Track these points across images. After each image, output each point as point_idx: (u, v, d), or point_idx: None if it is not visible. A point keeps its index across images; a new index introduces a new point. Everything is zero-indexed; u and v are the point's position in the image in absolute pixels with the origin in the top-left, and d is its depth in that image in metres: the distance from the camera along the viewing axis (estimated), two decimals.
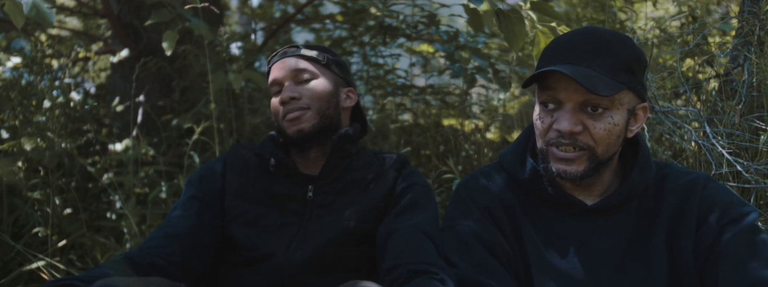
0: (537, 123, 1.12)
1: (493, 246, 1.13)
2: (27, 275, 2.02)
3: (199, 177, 1.40)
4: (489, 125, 3.17)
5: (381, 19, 3.20)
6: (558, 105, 1.07)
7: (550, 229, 1.15)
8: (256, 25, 3.92)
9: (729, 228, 1.08)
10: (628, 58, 1.06)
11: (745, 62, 1.85)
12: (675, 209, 1.13)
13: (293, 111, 1.32)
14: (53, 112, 2.35)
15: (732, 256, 1.05)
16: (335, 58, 1.42)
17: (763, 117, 1.77)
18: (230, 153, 1.45)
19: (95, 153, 2.63)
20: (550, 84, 1.07)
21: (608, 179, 1.16)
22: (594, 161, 1.08)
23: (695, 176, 1.15)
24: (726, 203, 1.10)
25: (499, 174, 1.23)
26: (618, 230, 1.13)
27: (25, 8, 1.40)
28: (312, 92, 1.34)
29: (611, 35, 1.08)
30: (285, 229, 1.32)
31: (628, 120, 1.09)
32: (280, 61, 1.38)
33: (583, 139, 1.06)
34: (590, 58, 1.05)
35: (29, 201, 2.20)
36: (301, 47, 1.39)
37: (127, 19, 2.85)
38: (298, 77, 1.35)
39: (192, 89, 2.83)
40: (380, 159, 1.42)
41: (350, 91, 1.43)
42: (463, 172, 2.51)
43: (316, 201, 1.34)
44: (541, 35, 1.82)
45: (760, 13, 1.83)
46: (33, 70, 2.39)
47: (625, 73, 1.05)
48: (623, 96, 1.06)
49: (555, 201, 1.15)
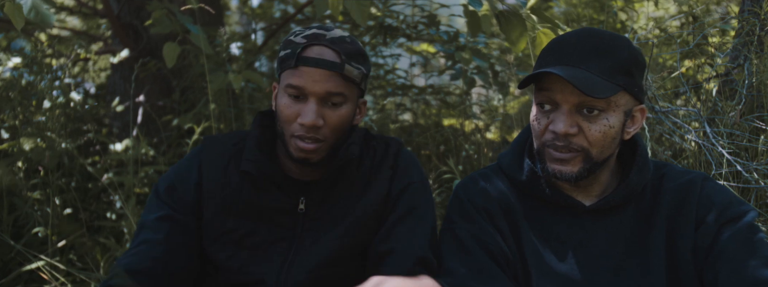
0: (534, 124, 1.12)
1: (492, 249, 1.13)
2: (27, 275, 2.02)
3: (168, 188, 1.20)
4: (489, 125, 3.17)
5: (381, 20, 3.20)
6: (554, 106, 1.08)
7: (548, 231, 1.15)
8: (256, 25, 3.92)
9: (727, 227, 1.08)
10: (625, 60, 1.05)
11: (745, 62, 1.85)
12: (673, 209, 1.12)
13: (307, 140, 1.14)
14: (53, 112, 2.35)
15: (731, 256, 1.05)
16: (368, 68, 1.21)
17: (763, 117, 1.77)
18: (205, 154, 1.23)
19: (95, 153, 2.63)
20: (546, 85, 1.07)
21: (606, 180, 1.16)
22: (589, 162, 1.08)
23: (693, 176, 1.15)
24: (724, 202, 1.10)
25: (497, 176, 1.23)
26: (617, 231, 1.13)
27: (25, 9, 1.41)
28: (335, 121, 1.15)
29: (609, 37, 1.07)
30: (275, 249, 1.19)
31: (624, 122, 1.09)
32: (315, 69, 1.12)
33: (577, 141, 1.07)
34: (587, 59, 1.05)
35: (29, 201, 2.20)
36: (343, 60, 1.13)
37: (127, 19, 2.85)
38: (328, 99, 1.14)
39: (192, 89, 2.83)
40: (372, 150, 1.26)
41: (363, 103, 1.26)
42: (463, 172, 2.51)
43: (309, 215, 1.20)
44: (543, 35, 1.82)
45: (761, 13, 1.83)
46: (33, 70, 2.39)
47: (622, 75, 1.05)
48: (619, 98, 1.06)
49: (553, 203, 1.15)
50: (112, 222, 2.30)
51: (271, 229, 1.20)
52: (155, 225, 1.16)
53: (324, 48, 1.14)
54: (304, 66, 1.12)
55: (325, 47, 1.14)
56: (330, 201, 1.21)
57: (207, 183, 1.20)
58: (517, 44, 1.80)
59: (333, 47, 1.14)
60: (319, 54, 1.13)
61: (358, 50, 1.18)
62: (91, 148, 2.71)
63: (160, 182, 1.22)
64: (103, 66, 3.75)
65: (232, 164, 1.21)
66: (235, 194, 1.19)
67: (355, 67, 1.15)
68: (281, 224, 1.20)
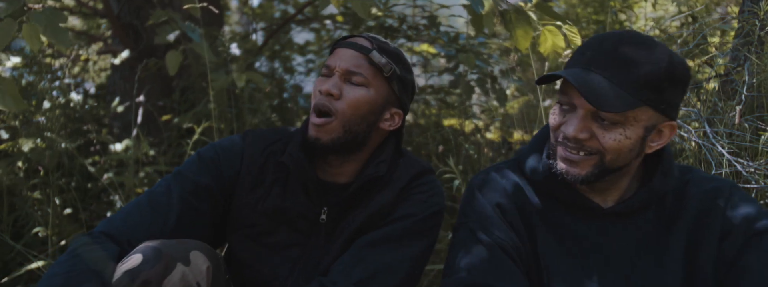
0: (550, 118, 1.09)
1: (506, 244, 1.11)
2: (27, 275, 2.02)
3: (213, 159, 1.24)
4: (489, 125, 3.18)
5: (382, 20, 3.20)
6: (572, 108, 1.04)
7: (563, 230, 1.12)
8: (256, 25, 3.92)
9: (754, 241, 1.04)
10: (658, 73, 0.99)
11: (745, 62, 1.85)
12: (697, 217, 1.09)
13: (322, 109, 1.19)
14: (53, 112, 2.35)
15: (755, 271, 1.02)
16: (402, 74, 1.25)
17: (763, 117, 1.77)
18: (248, 147, 1.28)
19: (95, 153, 2.63)
20: (565, 87, 1.04)
21: (625, 185, 1.12)
22: (599, 167, 1.04)
23: (720, 183, 1.11)
24: (752, 214, 1.06)
25: (514, 172, 1.20)
26: (634, 235, 1.10)
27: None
28: (351, 99, 1.19)
29: (648, 47, 1.01)
30: (288, 252, 1.24)
31: (644, 136, 1.03)
32: (347, 49, 1.21)
33: (590, 145, 1.03)
34: (614, 67, 0.99)
35: (29, 201, 2.20)
36: (374, 47, 1.21)
37: (127, 19, 2.85)
38: (349, 77, 1.20)
39: (192, 89, 2.83)
40: (396, 170, 1.27)
41: (397, 114, 1.27)
42: (463, 172, 2.51)
43: (328, 225, 1.24)
44: (548, 33, 1.81)
45: (760, 13, 1.83)
46: (33, 70, 2.40)
47: (648, 89, 0.99)
48: (640, 113, 1.01)
49: (571, 203, 1.13)
50: None
51: (289, 233, 1.24)
52: (192, 191, 1.19)
53: (360, 38, 1.24)
54: (339, 47, 1.23)
55: (361, 38, 1.24)
56: (349, 216, 1.24)
57: (244, 175, 1.24)
58: (521, 42, 1.79)
59: (368, 38, 1.24)
60: (354, 40, 1.24)
61: (396, 51, 1.26)
62: (91, 148, 2.71)
63: (204, 152, 1.26)
64: (103, 66, 3.75)
65: (268, 162, 1.26)
66: (265, 192, 1.24)
67: (384, 57, 1.21)
68: (299, 230, 1.24)
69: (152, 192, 1.20)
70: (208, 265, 1.09)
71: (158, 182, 1.23)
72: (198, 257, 1.08)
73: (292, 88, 3.44)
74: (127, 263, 1.03)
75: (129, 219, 1.15)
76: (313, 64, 3.81)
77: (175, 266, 1.03)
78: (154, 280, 1.01)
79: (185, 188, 1.19)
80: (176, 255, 1.04)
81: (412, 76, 1.30)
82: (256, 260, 1.24)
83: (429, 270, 2.16)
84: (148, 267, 1.01)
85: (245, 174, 1.24)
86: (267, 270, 1.23)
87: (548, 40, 1.82)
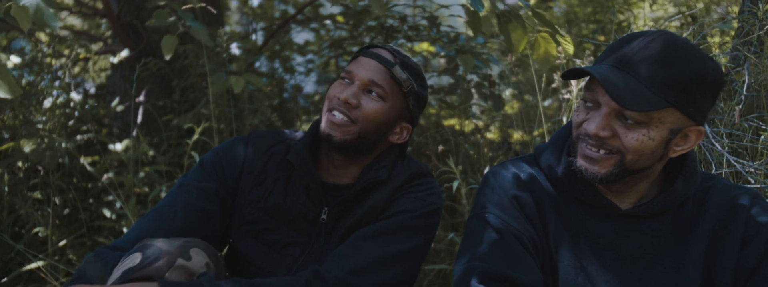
0: (574, 115, 1.08)
1: (522, 235, 1.10)
2: (27, 275, 2.02)
3: (214, 163, 1.29)
4: (489, 125, 3.18)
5: (382, 20, 3.20)
6: (596, 105, 1.03)
7: (578, 227, 1.12)
8: (256, 25, 3.92)
9: None
10: (688, 75, 0.96)
11: (745, 62, 1.85)
12: (718, 224, 1.08)
13: (342, 113, 1.23)
14: (53, 112, 2.35)
15: None
16: (418, 91, 1.29)
17: (763, 117, 1.77)
18: (250, 148, 1.32)
19: (95, 153, 2.63)
20: (592, 84, 1.03)
21: (644, 189, 1.11)
22: (620, 167, 1.03)
23: (742, 191, 1.10)
24: None
25: (531, 167, 1.19)
26: (650, 238, 1.09)
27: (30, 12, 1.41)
28: (368, 111, 1.23)
29: (682, 48, 0.98)
30: (288, 250, 1.27)
31: (668, 139, 1.01)
32: (370, 60, 1.25)
33: (612, 143, 1.02)
34: (642, 66, 0.97)
35: (29, 201, 2.20)
36: (397, 62, 1.25)
37: (127, 19, 2.85)
38: (369, 88, 1.24)
39: (192, 89, 2.83)
40: (396, 171, 1.31)
41: (406, 128, 1.32)
42: (463, 172, 2.51)
43: (328, 225, 1.27)
44: (541, 40, 1.82)
45: (760, 13, 1.84)
46: (33, 70, 2.40)
47: (676, 91, 0.96)
48: (666, 114, 0.98)
49: (588, 202, 1.12)
50: (112, 222, 2.30)
51: (290, 232, 1.27)
52: (202, 193, 1.24)
53: (384, 50, 1.28)
54: (363, 56, 1.27)
55: (385, 50, 1.28)
56: (348, 217, 1.26)
57: (246, 174, 1.28)
58: (516, 46, 1.80)
59: (392, 51, 1.27)
60: (378, 51, 1.27)
61: (417, 68, 1.29)
62: (91, 148, 2.71)
63: (206, 157, 1.31)
64: (103, 66, 3.75)
65: (271, 162, 1.30)
66: (267, 190, 1.27)
67: (405, 73, 1.25)
68: (300, 229, 1.27)
69: (157, 206, 1.24)
70: (208, 261, 1.10)
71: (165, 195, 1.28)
72: (198, 253, 1.09)
73: (292, 88, 3.45)
74: (126, 262, 1.04)
75: (134, 230, 1.19)
76: (312, 64, 3.81)
77: (176, 261, 1.04)
78: (157, 276, 1.02)
79: (190, 195, 1.23)
80: (176, 252, 1.06)
81: (427, 92, 1.33)
82: (257, 257, 1.26)
83: (429, 270, 2.16)
84: (147, 264, 1.02)
85: (247, 173, 1.28)
86: (267, 267, 1.26)
87: (541, 47, 1.83)
